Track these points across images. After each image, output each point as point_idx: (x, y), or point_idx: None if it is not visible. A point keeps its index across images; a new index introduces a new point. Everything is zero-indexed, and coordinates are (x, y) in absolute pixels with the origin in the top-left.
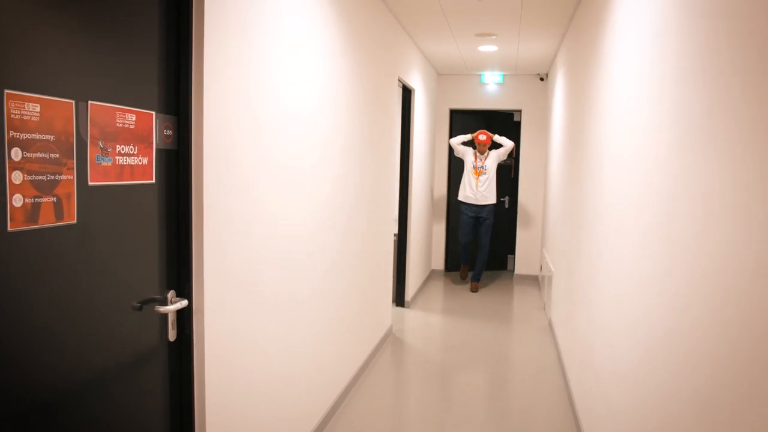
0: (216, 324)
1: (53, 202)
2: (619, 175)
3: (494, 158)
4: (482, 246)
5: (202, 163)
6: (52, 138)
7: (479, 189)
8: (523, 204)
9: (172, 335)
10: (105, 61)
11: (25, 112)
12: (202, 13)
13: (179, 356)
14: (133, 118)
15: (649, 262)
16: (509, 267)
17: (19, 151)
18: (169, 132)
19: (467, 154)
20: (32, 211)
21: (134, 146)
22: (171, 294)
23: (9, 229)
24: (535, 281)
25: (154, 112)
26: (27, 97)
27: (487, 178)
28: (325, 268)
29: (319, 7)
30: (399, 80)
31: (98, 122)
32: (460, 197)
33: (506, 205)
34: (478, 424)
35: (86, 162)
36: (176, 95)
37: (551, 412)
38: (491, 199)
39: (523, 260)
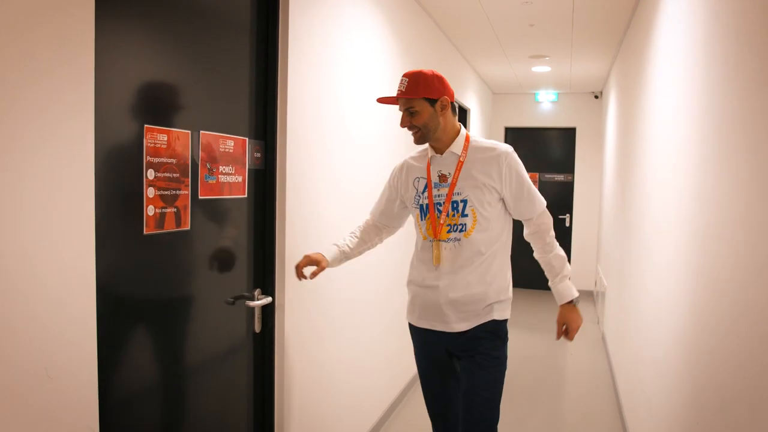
0: (294, 319)
1: (174, 212)
2: (658, 192)
3: (478, 176)
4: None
5: (285, 181)
6: (174, 161)
7: (442, 272)
8: (579, 220)
9: (257, 327)
10: (211, 98)
11: (157, 142)
12: (286, 59)
13: (263, 345)
14: (232, 144)
15: (677, 273)
16: None
17: (153, 171)
18: (258, 155)
19: (407, 180)
20: (160, 219)
21: (232, 167)
22: (257, 292)
23: (145, 232)
24: (590, 296)
25: (247, 138)
26: (158, 129)
27: (469, 237)
28: (381, 275)
29: (382, 39)
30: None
31: (207, 148)
32: (408, 314)
33: (567, 224)
34: (532, 428)
35: (197, 180)
36: (264, 124)
37: (601, 418)
38: (486, 310)
39: (577, 275)
